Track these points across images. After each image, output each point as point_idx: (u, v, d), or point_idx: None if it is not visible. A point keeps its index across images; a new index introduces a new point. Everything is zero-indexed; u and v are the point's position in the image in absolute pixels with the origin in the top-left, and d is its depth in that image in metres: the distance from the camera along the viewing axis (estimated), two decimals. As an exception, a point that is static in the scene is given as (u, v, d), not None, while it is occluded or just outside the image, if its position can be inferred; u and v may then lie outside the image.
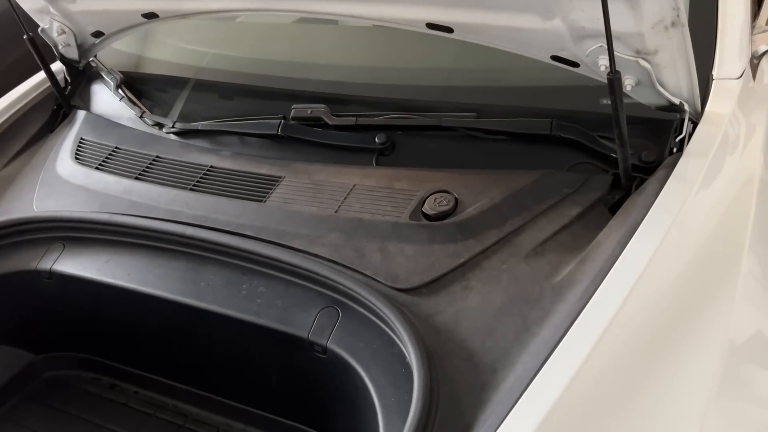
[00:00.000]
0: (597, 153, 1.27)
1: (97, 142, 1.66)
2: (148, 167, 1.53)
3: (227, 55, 1.83)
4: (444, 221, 1.22)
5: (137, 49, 1.89)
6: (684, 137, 1.20)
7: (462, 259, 1.15)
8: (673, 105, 1.19)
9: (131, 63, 1.87)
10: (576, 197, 1.21)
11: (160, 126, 1.67)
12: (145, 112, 1.71)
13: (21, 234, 1.49)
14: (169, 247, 1.36)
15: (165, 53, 1.91)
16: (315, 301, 1.20)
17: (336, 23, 1.74)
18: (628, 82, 1.15)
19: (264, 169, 1.45)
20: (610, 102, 1.08)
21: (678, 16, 1.02)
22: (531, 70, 1.39)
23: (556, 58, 1.22)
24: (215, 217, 1.35)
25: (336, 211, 1.29)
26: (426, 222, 1.23)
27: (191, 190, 1.44)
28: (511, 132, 1.34)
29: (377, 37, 1.69)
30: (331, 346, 1.14)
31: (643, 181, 1.19)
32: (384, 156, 1.42)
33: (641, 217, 1.07)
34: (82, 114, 1.78)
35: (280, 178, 1.41)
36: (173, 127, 1.64)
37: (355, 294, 1.14)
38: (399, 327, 1.05)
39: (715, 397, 0.94)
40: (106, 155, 1.61)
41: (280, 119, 1.51)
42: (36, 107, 1.83)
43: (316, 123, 1.49)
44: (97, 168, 1.57)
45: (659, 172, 1.17)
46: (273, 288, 1.25)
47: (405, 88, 1.53)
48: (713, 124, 1.23)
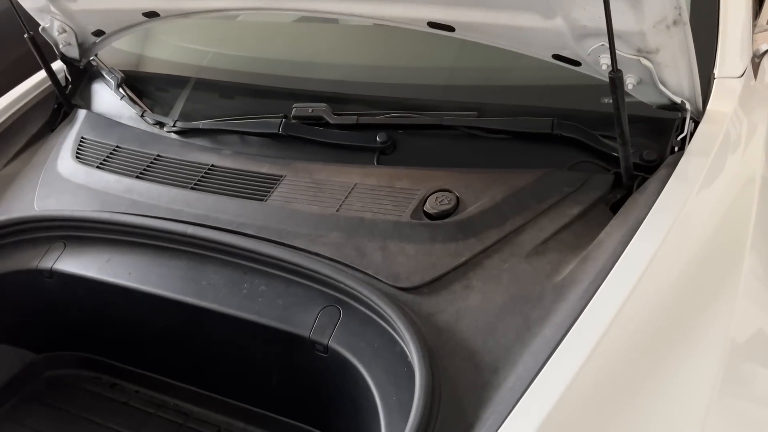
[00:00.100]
0: (598, 152, 1.27)
1: (98, 141, 1.66)
2: (148, 166, 1.53)
3: (228, 54, 1.83)
4: (445, 220, 1.22)
5: (138, 48, 1.89)
6: (685, 136, 1.20)
7: (463, 258, 1.15)
8: (674, 104, 1.19)
9: (132, 62, 1.87)
10: (577, 196, 1.21)
11: (161, 125, 1.66)
12: (145, 111, 1.71)
13: (22, 233, 1.49)
14: (170, 246, 1.36)
15: (166, 52, 1.91)
16: (316, 300, 1.20)
17: (337, 22, 1.74)
18: (630, 81, 1.15)
19: (265, 168, 1.45)
20: (611, 101, 1.08)
21: (680, 15, 1.02)
22: (532, 69, 1.39)
23: (557, 57, 1.22)
24: (216, 216, 1.35)
25: (337, 210, 1.29)
26: (427, 221, 1.23)
27: (192, 189, 1.44)
28: (512, 131, 1.34)
29: (378, 36, 1.69)
30: (333, 345, 1.14)
31: (644, 180, 1.19)
32: (385, 155, 1.42)
33: (643, 216, 1.07)
34: (82, 113, 1.78)
35: (281, 177, 1.41)
36: (174, 126, 1.64)
37: (357, 293, 1.14)
38: (400, 326, 1.05)
39: (717, 396, 0.94)
40: (106, 154, 1.61)
41: (281, 118, 1.51)
42: (37, 106, 1.83)
43: (317, 122, 1.49)
44: (97, 167, 1.57)
45: (661, 171, 1.17)
46: (274, 287, 1.25)
47: (406, 87, 1.53)
48: (715, 123, 1.23)
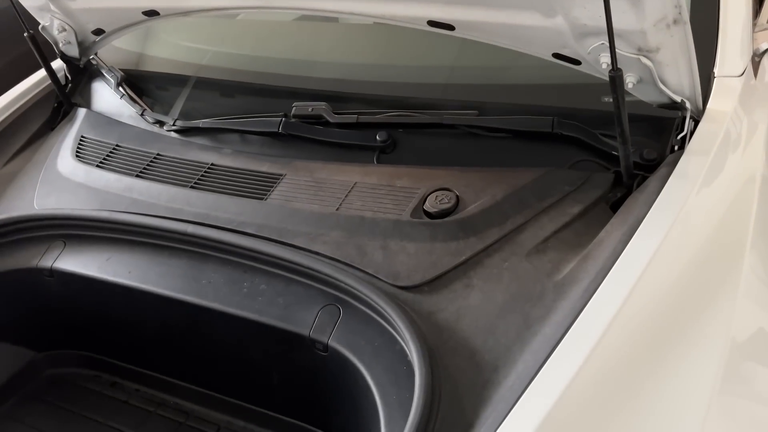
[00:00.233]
0: (599, 151, 1.27)
1: (98, 139, 1.66)
2: (148, 165, 1.53)
3: (228, 53, 1.83)
4: (445, 219, 1.22)
5: (138, 47, 1.89)
6: (685, 135, 1.20)
7: (463, 257, 1.15)
8: (674, 103, 1.19)
9: (132, 61, 1.87)
10: (577, 195, 1.21)
11: (161, 124, 1.66)
12: (145, 109, 1.70)
13: (22, 232, 1.49)
14: (170, 244, 1.36)
15: (166, 51, 1.91)
16: (316, 298, 1.20)
17: (337, 21, 1.74)
18: (630, 80, 1.15)
19: (265, 166, 1.45)
20: (611, 100, 1.08)
21: (680, 14, 1.02)
22: (532, 67, 1.39)
23: (557, 56, 1.22)
24: (216, 215, 1.35)
25: (337, 209, 1.29)
26: (427, 220, 1.23)
27: (192, 187, 1.44)
28: (512, 130, 1.34)
29: (378, 34, 1.69)
30: (333, 343, 1.14)
31: (644, 178, 1.19)
32: (385, 154, 1.42)
33: (643, 215, 1.07)
34: (82, 112, 1.78)
35: (281, 175, 1.41)
36: (174, 125, 1.64)
37: (357, 292, 1.14)
38: (400, 325, 1.05)
39: (717, 394, 0.94)
40: (106, 153, 1.61)
41: (281, 117, 1.51)
42: (37, 105, 1.83)
43: (317, 121, 1.49)
44: (97, 166, 1.57)
45: (661, 170, 1.17)
46: (274, 286, 1.24)
47: (406, 86, 1.53)
48: (715, 121, 1.23)
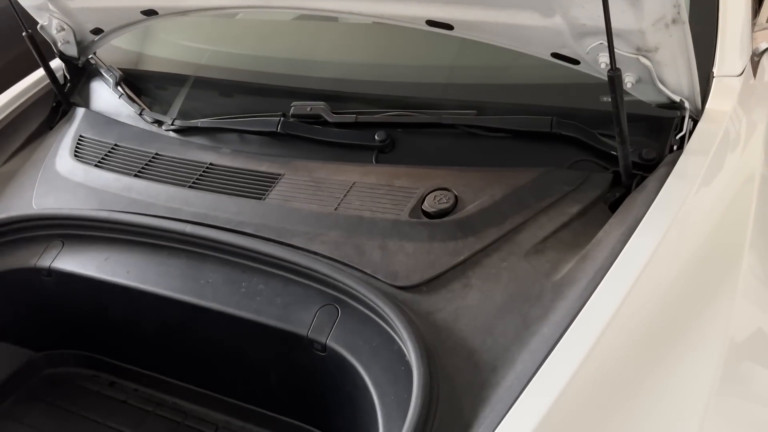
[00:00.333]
0: (597, 150, 1.27)
1: (97, 139, 1.66)
2: (147, 164, 1.53)
3: (227, 52, 1.83)
4: (444, 219, 1.21)
5: (137, 47, 1.89)
6: (684, 135, 1.20)
7: (462, 257, 1.15)
8: (673, 102, 1.18)
9: (130, 60, 1.87)
10: (576, 195, 1.20)
11: (160, 123, 1.66)
12: (144, 109, 1.70)
13: (20, 231, 1.48)
14: (169, 244, 1.36)
15: (164, 50, 1.91)
16: (314, 298, 1.20)
17: (336, 20, 1.74)
18: (629, 80, 1.15)
19: (263, 166, 1.45)
20: (610, 99, 1.08)
21: (679, 14, 1.02)
22: (531, 67, 1.38)
23: (556, 56, 1.21)
24: (215, 215, 1.35)
25: (336, 209, 1.29)
26: (426, 220, 1.23)
27: (190, 187, 1.44)
28: (511, 129, 1.34)
29: (377, 34, 1.69)
30: (331, 343, 1.14)
31: (643, 178, 1.19)
32: (384, 153, 1.42)
33: (641, 215, 1.07)
34: (81, 111, 1.78)
35: (280, 175, 1.41)
36: (172, 125, 1.63)
37: (355, 292, 1.14)
38: (399, 325, 1.05)
39: (716, 394, 0.94)
40: (105, 152, 1.60)
41: (280, 116, 1.51)
42: (35, 104, 1.83)
43: (316, 120, 1.49)
44: (96, 165, 1.57)
45: (660, 170, 1.17)
46: (272, 286, 1.24)
47: (405, 86, 1.53)
48: (714, 121, 1.23)
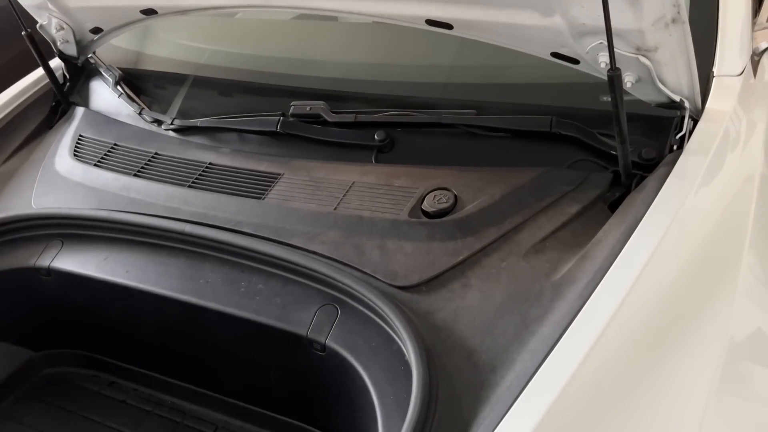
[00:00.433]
0: (597, 150, 1.27)
1: (96, 138, 1.66)
2: (146, 164, 1.53)
3: (226, 52, 1.82)
4: (443, 219, 1.21)
5: (136, 46, 1.89)
6: (684, 134, 1.20)
7: (461, 257, 1.15)
8: (673, 102, 1.18)
9: (130, 59, 1.86)
10: (576, 195, 1.20)
11: (159, 123, 1.66)
12: (143, 108, 1.70)
13: (19, 231, 1.48)
14: (168, 244, 1.36)
15: (164, 50, 1.91)
16: (314, 298, 1.20)
17: (335, 20, 1.73)
18: (629, 79, 1.15)
19: (263, 166, 1.45)
20: (610, 99, 1.08)
21: (678, 13, 1.02)
22: (531, 66, 1.38)
23: (556, 55, 1.21)
24: (214, 214, 1.35)
25: (335, 209, 1.29)
26: (425, 219, 1.23)
27: (190, 187, 1.44)
28: (510, 129, 1.34)
29: (377, 33, 1.68)
30: (330, 343, 1.14)
31: (643, 178, 1.19)
32: (383, 153, 1.42)
33: (641, 215, 1.07)
34: (80, 111, 1.77)
35: (279, 175, 1.41)
36: (172, 124, 1.63)
37: (354, 291, 1.14)
38: (398, 325, 1.05)
39: (715, 394, 0.93)
40: (104, 152, 1.60)
41: (279, 116, 1.51)
42: (34, 104, 1.83)
43: (316, 120, 1.49)
44: (95, 165, 1.57)
45: (659, 170, 1.17)
46: (272, 285, 1.24)
47: (404, 85, 1.52)
48: (714, 121, 1.23)
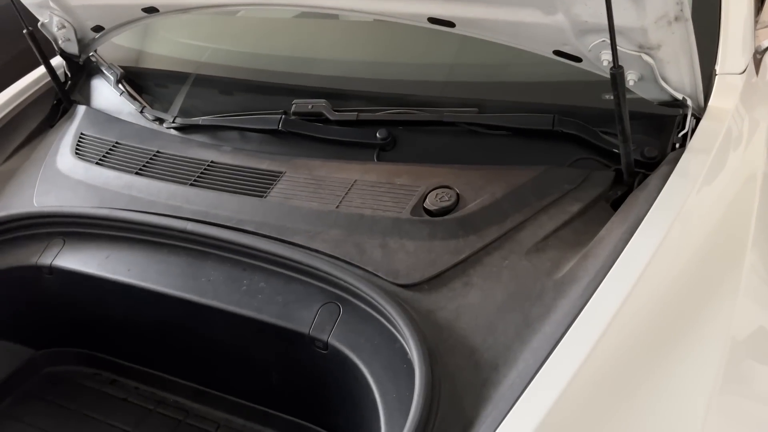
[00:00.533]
0: (599, 148, 1.27)
1: (98, 137, 1.66)
2: (148, 162, 1.53)
3: (228, 50, 1.82)
4: (445, 217, 1.21)
5: (137, 44, 1.89)
6: (687, 133, 1.20)
7: (463, 255, 1.15)
8: (675, 100, 1.18)
9: (131, 58, 1.86)
10: (578, 193, 1.20)
11: (161, 121, 1.66)
12: (145, 107, 1.70)
13: (21, 229, 1.48)
14: (170, 242, 1.36)
15: (165, 48, 1.91)
16: (316, 296, 1.20)
17: (337, 18, 1.73)
18: (631, 77, 1.14)
19: (264, 164, 1.45)
20: (612, 97, 1.08)
21: (681, 11, 1.02)
22: (533, 65, 1.38)
23: (558, 53, 1.21)
24: (216, 213, 1.34)
25: (337, 207, 1.29)
26: (427, 218, 1.23)
27: (192, 185, 1.44)
28: (512, 127, 1.34)
29: (378, 31, 1.68)
30: (332, 341, 1.14)
31: (645, 176, 1.18)
32: (385, 151, 1.42)
33: (643, 213, 1.07)
34: (82, 109, 1.77)
35: (281, 173, 1.41)
36: (174, 122, 1.63)
37: (356, 290, 1.14)
38: (400, 323, 1.05)
39: (718, 393, 0.93)
40: (106, 150, 1.60)
41: (281, 114, 1.51)
42: (36, 102, 1.83)
43: (317, 118, 1.49)
44: (97, 163, 1.57)
45: (662, 168, 1.16)
46: (273, 284, 1.24)
47: (406, 83, 1.52)
48: (716, 119, 1.23)
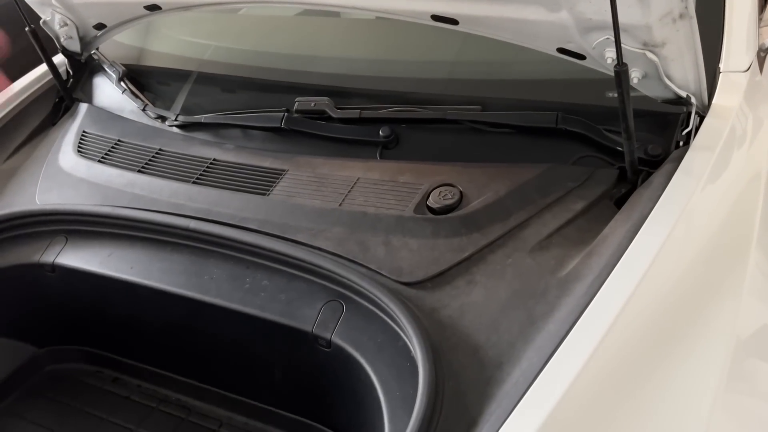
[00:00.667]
0: (603, 146, 1.26)
1: (100, 135, 1.66)
2: (150, 160, 1.53)
3: (230, 48, 1.82)
4: (448, 215, 1.21)
5: (139, 42, 1.88)
6: (691, 131, 1.20)
7: (466, 253, 1.15)
8: (679, 98, 1.18)
9: (133, 55, 1.86)
10: (581, 191, 1.20)
11: (163, 119, 1.66)
12: (147, 104, 1.70)
13: (24, 227, 1.48)
14: (172, 240, 1.36)
15: (167, 46, 1.91)
16: (319, 294, 1.20)
17: (339, 16, 1.73)
18: (635, 75, 1.14)
19: (267, 162, 1.45)
20: (616, 95, 1.08)
21: (686, 8, 1.01)
22: (536, 62, 1.38)
23: (562, 51, 1.21)
24: (218, 211, 1.34)
25: (340, 205, 1.29)
26: (430, 216, 1.22)
27: (194, 183, 1.43)
28: (516, 125, 1.33)
29: (381, 29, 1.68)
30: (336, 339, 1.14)
31: (649, 174, 1.18)
32: (388, 149, 1.42)
33: (647, 211, 1.06)
34: (84, 107, 1.77)
35: (284, 171, 1.41)
36: (176, 120, 1.63)
37: (360, 288, 1.14)
38: (404, 321, 1.05)
39: (722, 391, 0.93)
40: (108, 148, 1.60)
41: (284, 112, 1.50)
42: (38, 100, 1.83)
43: (320, 116, 1.49)
44: (99, 161, 1.57)
45: (666, 166, 1.16)
46: (276, 281, 1.24)
47: (409, 81, 1.52)
48: (720, 117, 1.22)
